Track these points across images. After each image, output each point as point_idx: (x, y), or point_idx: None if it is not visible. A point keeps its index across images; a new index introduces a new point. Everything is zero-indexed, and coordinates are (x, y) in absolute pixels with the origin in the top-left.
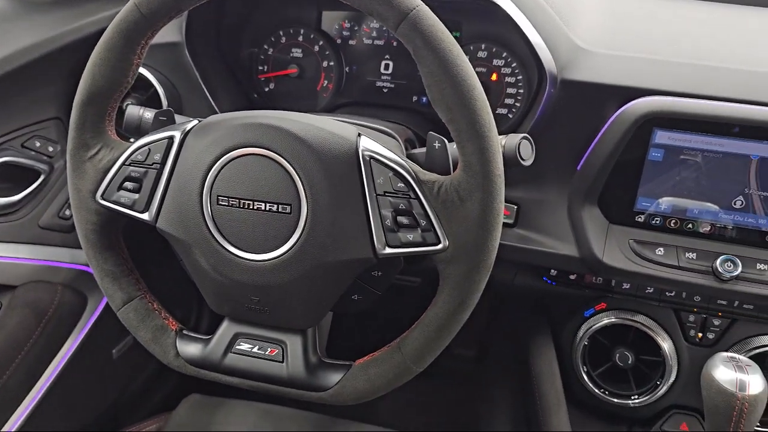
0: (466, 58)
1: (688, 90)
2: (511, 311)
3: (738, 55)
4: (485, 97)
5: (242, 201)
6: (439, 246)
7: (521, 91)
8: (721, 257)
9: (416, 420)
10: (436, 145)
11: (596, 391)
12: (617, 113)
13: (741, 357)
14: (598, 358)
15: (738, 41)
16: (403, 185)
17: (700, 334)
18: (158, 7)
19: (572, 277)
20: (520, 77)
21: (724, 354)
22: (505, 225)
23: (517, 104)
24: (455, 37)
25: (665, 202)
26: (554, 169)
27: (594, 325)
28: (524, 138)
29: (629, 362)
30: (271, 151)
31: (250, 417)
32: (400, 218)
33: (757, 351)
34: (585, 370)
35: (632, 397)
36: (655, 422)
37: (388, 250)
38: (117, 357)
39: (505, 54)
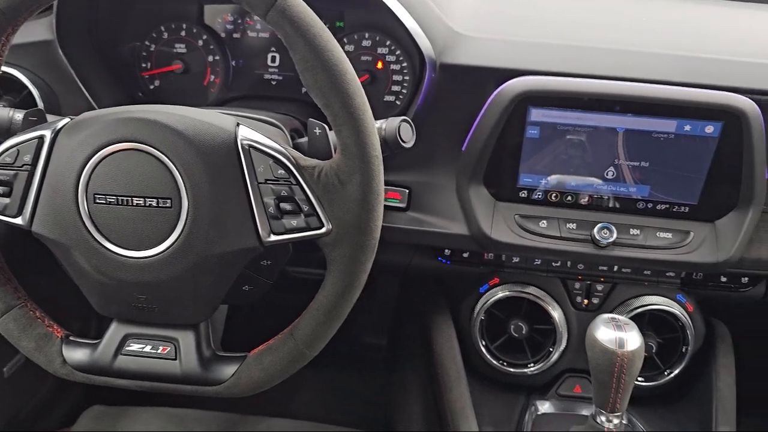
0: (337, 44)
1: (558, 69)
2: (417, 296)
3: (607, 36)
4: (358, 81)
5: (120, 198)
6: (323, 230)
7: (407, 78)
8: (598, 225)
9: (331, 410)
10: (317, 131)
11: (495, 362)
12: (494, 94)
13: (619, 317)
14: (495, 331)
15: (608, 22)
16: (283, 172)
17: (586, 301)
18: (16, 2)
19: (465, 255)
20: (405, 65)
21: (605, 316)
22: (397, 209)
23: (404, 91)
24: (339, 27)
25: (545, 178)
26: (441, 152)
27: (489, 299)
28: (404, 121)
29: (523, 332)
30: (147, 145)
31: (155, 423)
32: (282, 205)
33: (637, 311)
34: (483, 343)
35: (528, 366)
36: (551, 387)
37: (273, 238)
38: (9, 375)
39: (388, 42)
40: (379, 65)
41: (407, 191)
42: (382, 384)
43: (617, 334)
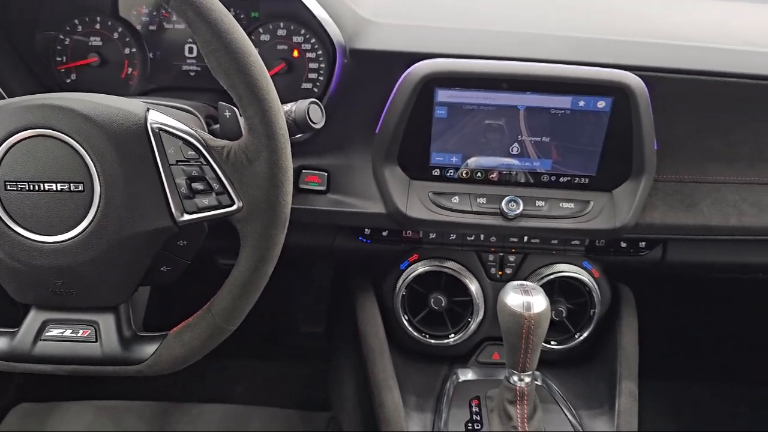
0: (239, 27)
1: (462, 51)
2: (347, 280)
3: (508, 19)
4: (262, 62)
5: (32, 184)
6: (234, 207)
7: (322, 65)
8: (506, 198)
9: (269, 397)
10: (227, 114)
11: (417, 335)
12: (402, 77)
13: (527, 283)
14: (417, 305)
15: (510, 6)
16: (193, 153)
17: (500, 272)
18: None
19: (385, 233)
20: (320, 52)
21: (514, 282)
22: (318, 192)
23: (321, 78)
24: (254, 18)
25: (456, 155)
26: (357, 135)
27: (409, 275)
28: (312, 102)
29: (443, 305)
30: (56, 130)
31: (86, 416)
32: (194, 185)
33: (547, 278)
34: (406, 318)
35: (449, 336)
36: (472, 355)
37: (187, 217)
38: None
39: (303, 31)
40: (295, 54)
41: (326, 174)
42: (319, 369)
43: (524, 299)
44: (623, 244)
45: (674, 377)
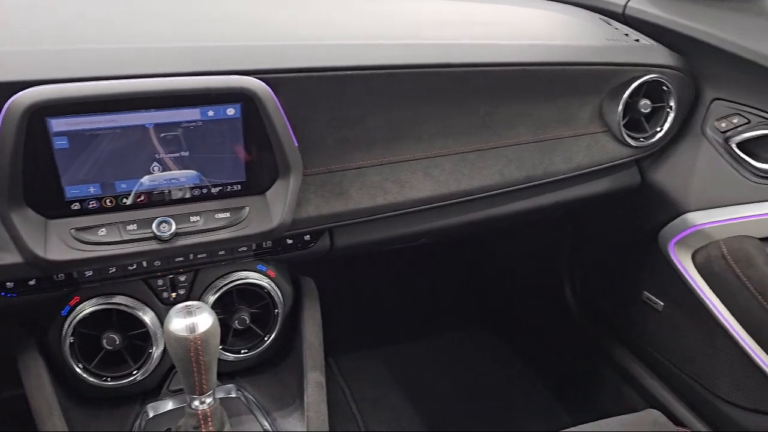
0: None
1: (72, 74)
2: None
3: (118, 36)
4: None
5: None
6: None
7: None
8: (156, 220)
9: None
10: None
11: (97, 381)
12: (3, 111)
13: (192, 303)
14: (91, 349)
15: (121, 22)
16: None
17: (173, 294)
18: None
19: (32, 282)
20: None
21: (177, 306)
22: None
23: None
24: None
25: (93, 185)
26: None
27: (74, 320)
28: None
29: (117, 343)
30: None
31: None
32: None
33: (223, 290)
34: (80, 366)
35: (133, 373)
36: (163, 385)
37: None
38: None
39: None
40: None
41: None
42: None
43: (188, 321)
44: (289, 241)
45: (380, 343)
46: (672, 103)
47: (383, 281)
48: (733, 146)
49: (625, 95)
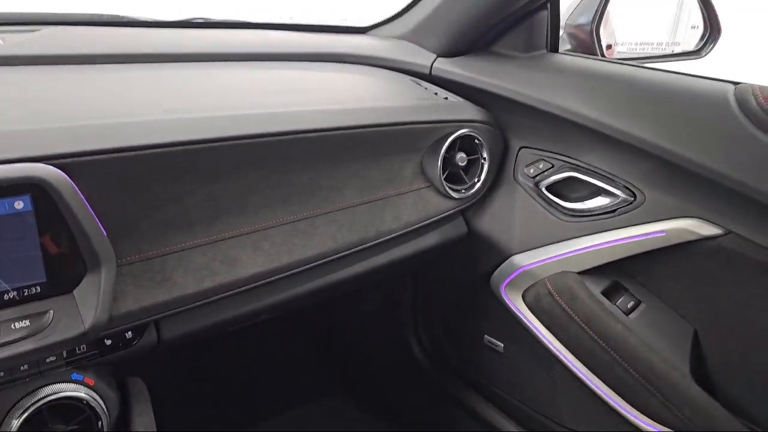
0: None
1: None
2: None
3: None
4: None
5: None
6: None
7: None
8: None
9: None
10: None
11: None
12: None
13: None
14: None
15: None
16: None
17: None
18: None
19: None
20: None
21: None
22: None
23: None
24: None
25: None
26: None
27: None
28: None
29: None
30: None
31: None
32: None
33: (30, 411)
34: None
35: None
36: None
37: None
38: None
39: None
40: None
41: None
42: None
43: None
44: (108, 342)
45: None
46: (485, 155)
47: (226, 365)
48: (543, 189)
49: (442, 150)
